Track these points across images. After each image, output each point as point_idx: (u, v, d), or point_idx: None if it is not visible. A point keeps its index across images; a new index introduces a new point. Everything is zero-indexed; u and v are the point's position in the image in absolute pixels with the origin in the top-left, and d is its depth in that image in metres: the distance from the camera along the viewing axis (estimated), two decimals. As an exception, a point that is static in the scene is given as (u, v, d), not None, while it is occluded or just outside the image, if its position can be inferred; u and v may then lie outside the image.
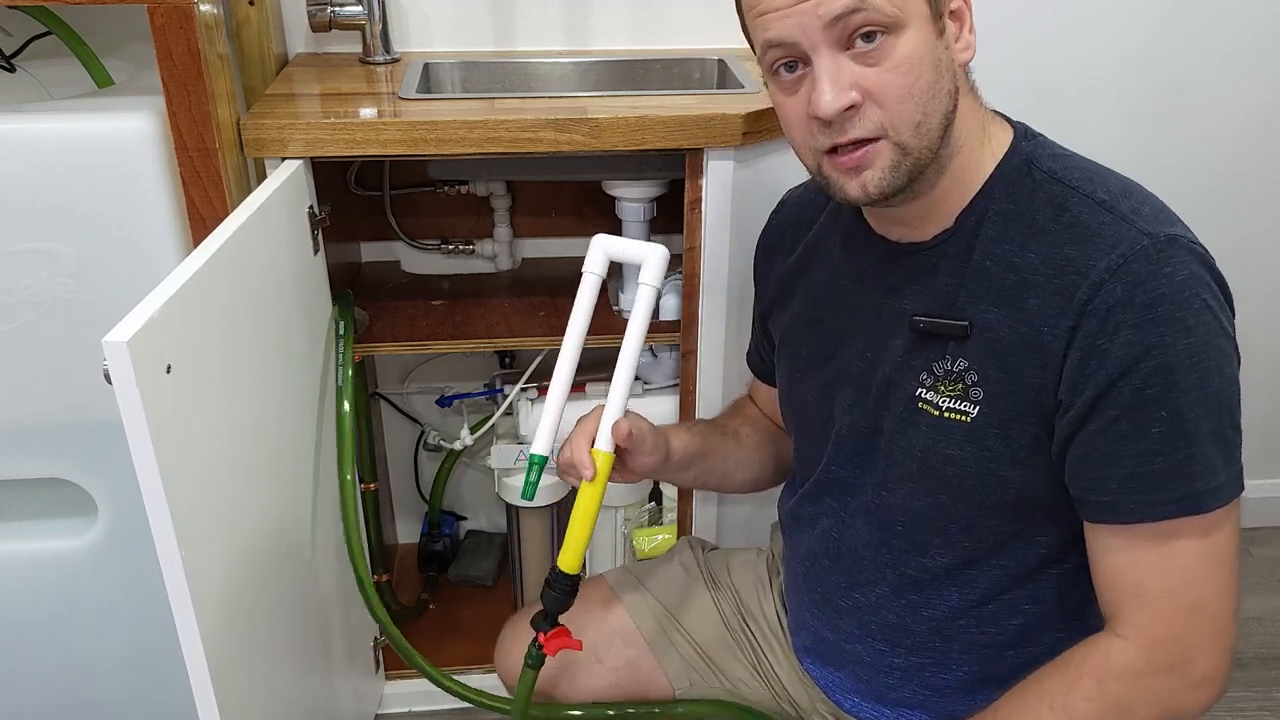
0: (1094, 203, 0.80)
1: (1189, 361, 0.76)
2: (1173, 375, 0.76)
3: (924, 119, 0.79)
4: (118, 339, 0.74)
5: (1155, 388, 0.76)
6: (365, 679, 1.51)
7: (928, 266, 0.87)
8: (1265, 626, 1.79)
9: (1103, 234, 0.78)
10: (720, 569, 1.20)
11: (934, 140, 0.80)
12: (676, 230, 1.33)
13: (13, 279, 1.14)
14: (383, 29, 1.49)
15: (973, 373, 0.84)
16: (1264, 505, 2.02)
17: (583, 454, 0.95)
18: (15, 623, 1.31)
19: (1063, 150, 0.87)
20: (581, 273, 1.00)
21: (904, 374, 0.89)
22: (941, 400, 0.86)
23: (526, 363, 1.54)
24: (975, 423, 0.85)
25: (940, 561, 0.92)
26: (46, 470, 1.25)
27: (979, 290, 0.84)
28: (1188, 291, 0.76)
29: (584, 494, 0.94)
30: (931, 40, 0.78)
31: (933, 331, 0.86)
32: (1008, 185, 0.84)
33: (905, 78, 0.78)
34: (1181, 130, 1.70)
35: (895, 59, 0.77)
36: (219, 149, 1.14)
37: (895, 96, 0.78)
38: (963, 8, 0.82)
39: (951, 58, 0.81)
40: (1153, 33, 1.63)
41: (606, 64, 1.55)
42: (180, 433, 0.83)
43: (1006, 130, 0.87)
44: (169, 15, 1.07)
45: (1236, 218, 1.76)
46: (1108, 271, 0.77)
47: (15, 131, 1.09)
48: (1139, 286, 0.76)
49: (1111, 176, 0.84)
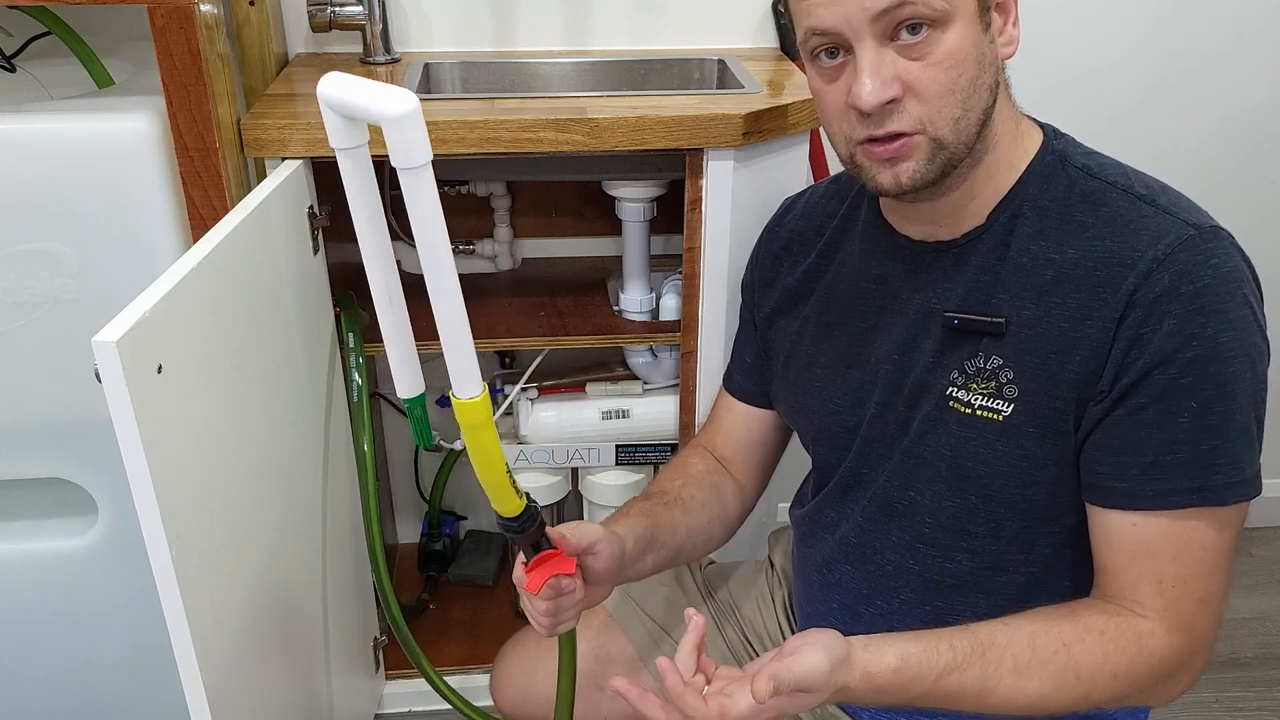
0: (1133, 197, 0.80)
1: (1228, 354, 0.75)
2: (1208, 367, 0.75)
3: (963, 115, 0.78)
4: (106, 339, 0.74)
5: (1190, 378, 0.75)
6: (365, 679, 1.51)
7: (958, 263, 0.86)
8: (1265, 626, 1.79)
9: (1146, 226, 0.78)
10: (719, 586, 1.18)
11: (971, 136, 0.80)
12: (677, 230, 1.33)
13: (14, 279, 1.14)
14: (383, 29, 1.49)
15: (1008, 370, 0.83)
16: (1264, 505, 2.01)
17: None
18: (15, 623, 1.31)
19: (1091, 150, 0.87)
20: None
21: (935, 373, 0.87)
22: (974, 398, 0.85)
23: (526, 363, 1.54)
24: (1009, 421, 0.83)
25: (965, 565, 0.90)
26: (47, 470, 1.25)
27: (1015, 286, 0.83)
28: (1231, 283, 0.76)
29: (471, 440, 0.77)
30: (977, 34, 0.78)
31: (966, 329, 0.85)
32: (1043, 181, 0.84)
33: (949, 73, 0.77)
34: (1178, 130, 1.70)
35: (939, 54, 0.76)
36: (219, 149, 1.14)
37: (937, 92, 0.77)
38: (1008, 3, 0.81)
39: (995, 52, 0.80)
40: (1143, 35, 1.63)
41: (606, 64, 1.55)
42: (172, 433, 0.83)
43: (1036, 128, 0.87)
44: (169, 15, 1.07)
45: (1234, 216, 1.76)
46: (1155, 261, 0.76)
47: (15, 131, 1.09)
48: (1185, 276, 0.75)
49: (1144, 174, 0.84)
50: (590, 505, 1.61)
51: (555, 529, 0.87)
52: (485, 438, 0.75)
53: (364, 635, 1.49)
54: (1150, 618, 0.80)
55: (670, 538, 1.01)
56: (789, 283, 1.02)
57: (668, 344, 1.49)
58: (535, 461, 1.54)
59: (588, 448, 1.53)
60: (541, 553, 0.84)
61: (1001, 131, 0.83)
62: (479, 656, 1.60)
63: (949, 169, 0.80)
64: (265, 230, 1.08)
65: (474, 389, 0.73)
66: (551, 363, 1.55)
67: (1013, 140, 0.85)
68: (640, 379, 1.55)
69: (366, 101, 0.63)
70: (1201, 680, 0.84)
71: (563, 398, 1.54)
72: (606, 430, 1.52)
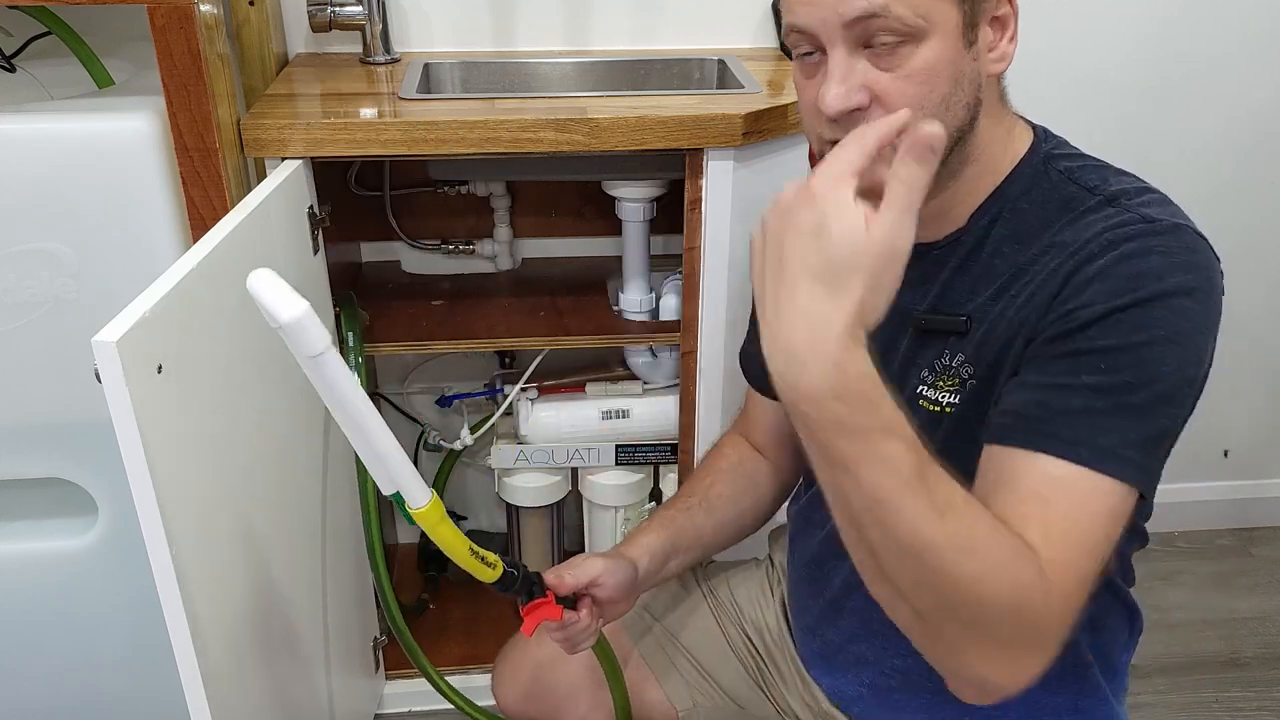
0: (1104, 199, 0.79)
1: (1156, 338, 0.71)
2: (1130, 337, 0.71)
3: None
4: (106, 339, 0.74)
5: (1109, 340, 0.72)
6: (365, 679, 1.51)
7: (936, 265, 0.86)
8: (1265, 626, 1.79)
9: (1106, 220, 0.77)
10: (720, 583, 1.19)
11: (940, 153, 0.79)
12: (677, 230, 1.33)
13: (14, 279, 1.14)
14: (383, 29, 1.49)
15: (968, 365, 0.83)
16: (1264, 505, 2.01)
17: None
18: (15, 623, 1.31)
19: (1080, 152, 0.86)
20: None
21: (908, 372, 0.88)
22: (940, 395, 0.85)
23: (526, 363, 1.54)
24: (958, 413, 0.83)
25: None
26: (47, 470, 1.25)
27: (983, 286, 0.83)
28: (1178, 273, 0.72)
29: (433, 535, 0.81)
30: (956, 52, 0.76)
31: (932, 328, 0.86)
32: (1024, 185, 0.83)
33: (919, 88, 0.76)
34: (1175, 130, 1.70)
35: (910, 68, 0.75)
36: (219, 149, 1.14)
37: (904, 105, 0.76)
38: (1008, 14, 0.79)
39: (978, 70, 0.78)
40: (1145, 36, 1.63)
41: (606, 64, 1.55)
42: (172, 433, 0.83)
43: (1027, 131, 0.86)
44: (169, 15, 1.07)
45: (1231, 217, 1.76)
46: (1100, 246, 0.75)
47: (15, 131, 1.09)
48: (1127, 258, 0.73)
49: (1128, 178, 0.82)
50: (590, 505, 1.61)
51: (555, 570, 0.94)
52: (443, 532, 0.81)
53: (364, 635, 1.49)
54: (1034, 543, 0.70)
55: (694, 541, 1.06)
56: None
57: (667, 344, 1.49)
58: (535, 461, 1.54)
59: (587, 448, 1.53)
60: (533, 601, 0.92)
61: (986, 143, 0.82)
62: (479, 656, 1.60)
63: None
64: (265, 230, 1.08)
65: (423, 499, 0.79)
66: (551, 363, 1.55)
67: (1000, 150, 0.84)
68: (640, 379, 1.55)
69: (266, 305, 0.67)
70: (1202, 680, 0.83)
71: (562, 398, 1.54)
72: (606, 430, 1.52)
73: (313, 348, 0.69)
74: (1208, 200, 1.76)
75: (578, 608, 0.96)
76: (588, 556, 0.98)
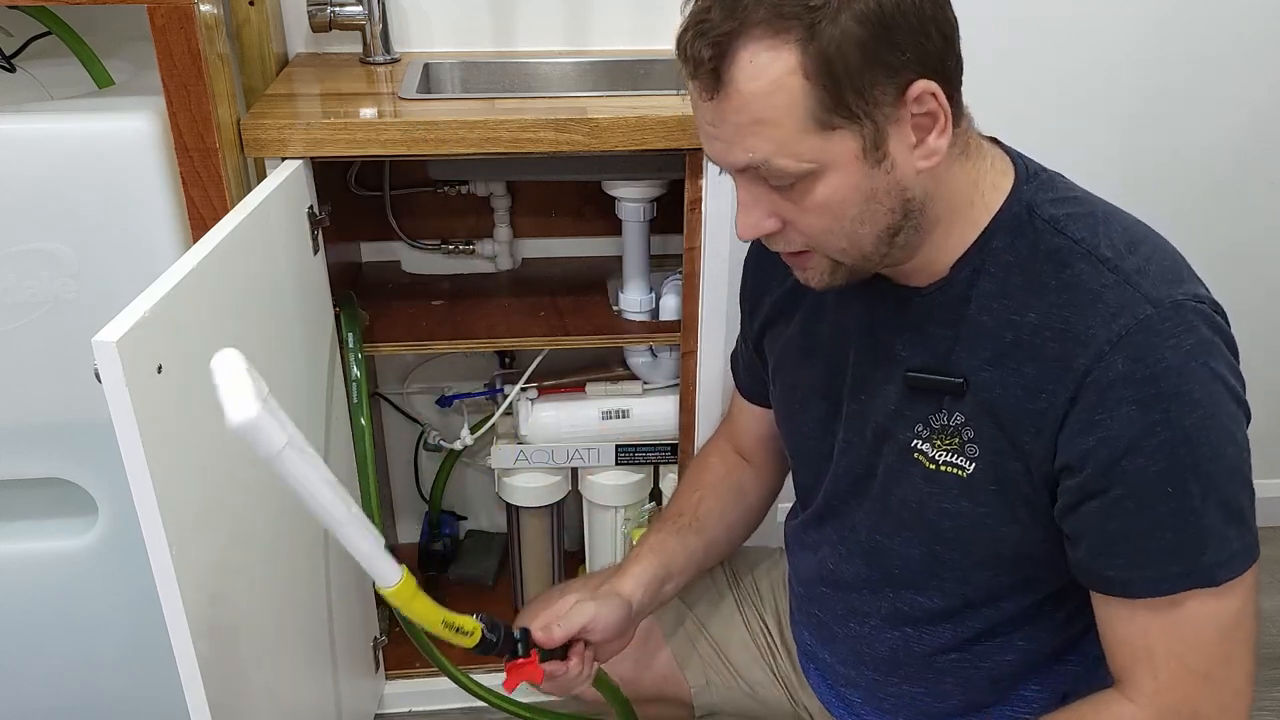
0: (1097, 260, 0.76)
1: (1197, 436, 0.72)
2: (1178, 451, 0.72)
3: (852, 244, 0.77)
4: (106, 339, 0.74)
5: (1161, 464, 0.73)
6: (365, 679, 1.51)
7: (922, 314, 0.84)
8: (1265, 626, 1.79)
9: (1104, 298, 0.74)
10: (745, 571, 1.19)
11: (870, 253, 0.78)
12: (676, 230, 1.33)
13: (14, 279, 1.14)
14: (383, 29, 1.49)
15: (969, 428, 0.82)
16: (1264, 505, 2.01)
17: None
18: (15, 623, 1.31)
19: (1067, 191, 0.82)
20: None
21: (899, 424, 0.87)
22: (938, 454, 0.84)
23: (526, 363, 1.54)
24: (971, 478, 0.83)
25: (937, 604, 0.91)
26: (47, 470, 1.25)
27: (974, 345, 0.81)
28: (1194, 362, 0.72)
29: (407, 612, 0.82)
30: (861, 176, 0.73)
31: (925, 386, 0.84)
32: (1008, 235, 0.80)
33: (823, 219, 0.76)
34: (1172, 136, 1.70)
35: (811, 202, 0.75)
36: (219, 149, 1.14)
37: (815, 231, 0.77)
38: (936, 110, 0.73)
39: (898, 177, 0.74)
40: (1142, 37, 1.63)
41: (606, 64, 1.55)
42: (172, 433, 0.83)
43: (1008, 172, 0.82)
44: (169, 15, 1.07)
45: (1228, 217, 1.76)
46: (1108, 343, 0.73)
47: (15, 131, 1.09)
48: (1141, 360, 0.72)
49: (1118, 223, 0.79)
50: (590, 505, 1.61)
51: (545, 621, 0.93)
52: (417, 607, 0.82)
53: (364, 635, 1.49)
54: (1138, 701, 0.78)
55: (687, 563, 1.05)
56: (776, 299, 1.01)
57: (667, 344, 1.49)
58: (535, 461, 1.54)
59: (587, 448, 1.53)
60: (515, 660, 0.92)
61: (950, 204, 0.79)
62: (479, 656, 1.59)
63: (858, 275, 0.81)
64: (265, 230, 1.08)
65: (394, 577, 0.78)
66: (551, 363, 1.55)
67: (969, 203, 0.80)
68: (640, 379, 1.55)
69: (220, 399, 0.64)
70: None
71: (562, 398, 1.54)
72: (606, 430, 1.52)
73: (269, 448, 0.65)
74: (1205, 201, 1.77)
75: (569, 655, 0.94)
76: (578, 601, 0.95)
